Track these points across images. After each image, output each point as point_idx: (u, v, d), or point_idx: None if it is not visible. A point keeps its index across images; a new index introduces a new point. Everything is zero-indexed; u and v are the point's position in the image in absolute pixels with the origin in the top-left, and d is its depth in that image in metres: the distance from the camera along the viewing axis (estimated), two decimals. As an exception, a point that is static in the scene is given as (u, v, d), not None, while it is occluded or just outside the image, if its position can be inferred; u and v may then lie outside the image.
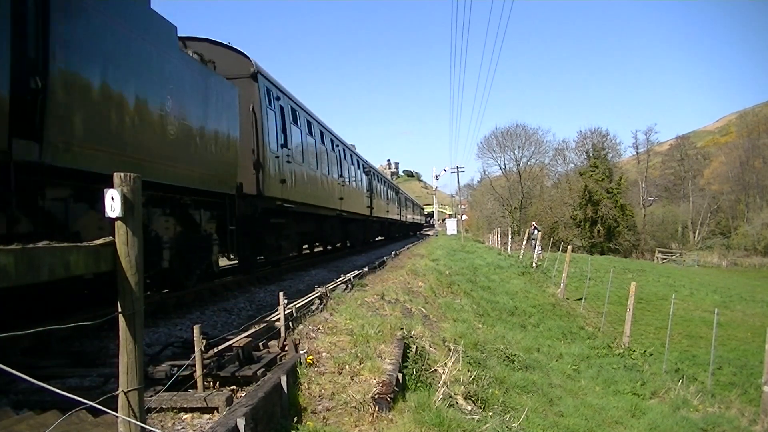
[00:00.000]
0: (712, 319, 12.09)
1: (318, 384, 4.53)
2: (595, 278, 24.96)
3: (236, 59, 10.87)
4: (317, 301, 7.49)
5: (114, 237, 2.52)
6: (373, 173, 27.04)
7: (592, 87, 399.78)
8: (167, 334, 6.31)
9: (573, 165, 66.92)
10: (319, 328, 5.98)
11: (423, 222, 64.67)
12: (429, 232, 61.08)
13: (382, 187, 29.49)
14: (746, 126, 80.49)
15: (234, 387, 4.02)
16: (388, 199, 32.45)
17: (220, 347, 4.53)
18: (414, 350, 6.02)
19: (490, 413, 5.64)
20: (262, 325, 5.81)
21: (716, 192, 74.41)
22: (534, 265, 27.31)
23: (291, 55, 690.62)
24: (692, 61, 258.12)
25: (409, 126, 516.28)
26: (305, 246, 18.64)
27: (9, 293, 4.70)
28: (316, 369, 4.79)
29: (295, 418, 3.96)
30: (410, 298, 9.54)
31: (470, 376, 6.16)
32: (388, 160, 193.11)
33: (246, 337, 4.90)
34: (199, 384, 3.77)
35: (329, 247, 21.20)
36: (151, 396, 3.50)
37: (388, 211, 31.64)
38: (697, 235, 69.71)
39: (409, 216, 46.40)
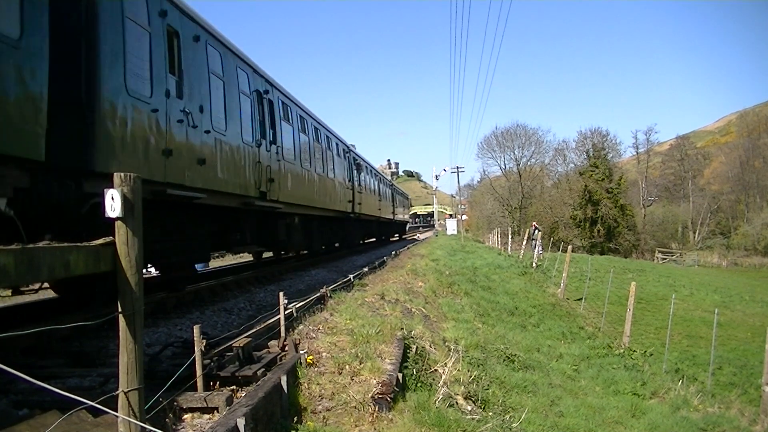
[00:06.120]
0: (712, 319, 12.09)
1: (318, 384, 4.52)
2: (595, 278, 24.95)
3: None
4: (317, 302, 7.49)
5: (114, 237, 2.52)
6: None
7: (592, 87, 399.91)
8: (167, 334, 6.32)
9: (573, 165, 66.93)
10: (319, 328, 5.98)
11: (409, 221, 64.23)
12: (428, 233, 60.98)
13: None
14: (746, 126, 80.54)
15: (234, 387, 4.02)
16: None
17: (220, 347, 4.53)
18: (414, 350, 6.02)
19: (490, 413, 5.64)
20: (262, 325, 5.81)
21: (716, 192, 74.41)
22: (534, 265, 27.30)
23: (291, 54, 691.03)
24: (692, 61, 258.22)
25: (409, 126, 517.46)
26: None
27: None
28: (316, 369, 4.79)
29: (295, 418, 3.96)
30: (410, 298, 9.53)
31: (470, 377, 6.17)
32: (388, 160, 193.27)
33: (246, 337, 4.90)
34: (199, 384, 3.77)
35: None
36: (151, 396, 3.50)
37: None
38: (697, 235, 69.70)
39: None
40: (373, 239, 34.13)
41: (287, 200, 12.24)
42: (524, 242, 34.72)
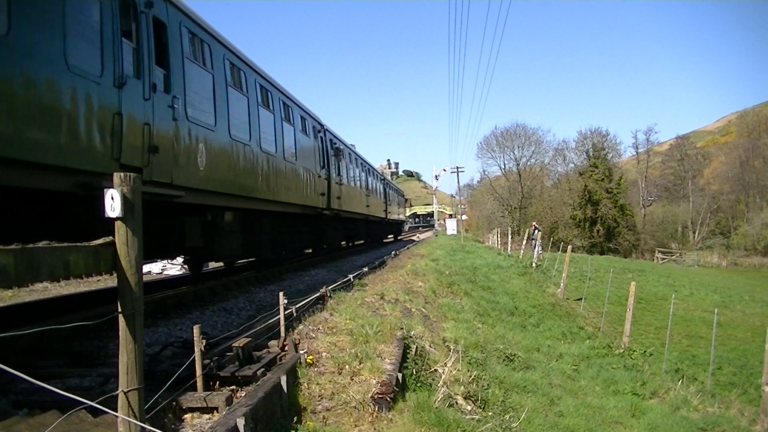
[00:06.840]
0: (712, 319, 12.10)
1: (318, 384, 4.53)
2: (595, 278, 24.96)
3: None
4: (317, 302, 7.49)
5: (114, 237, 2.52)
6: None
7: (592, 87, 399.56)
8: (167, 334, 6.32)
9: (573, 165, 67.03)
10: (319, 328, 5.99)
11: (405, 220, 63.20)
12: (428, 233, 61.01)
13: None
14: (746, 126, 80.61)
15: (234, 387, 4.02)
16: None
17: (220, 347, 4.53)
18: (414, 350, 6.03)
19: (490, 413, 5.65)
20: (262, 325, 5.81)
21: (716, 192, 74.44)
22: (534, 265, 27.31)
23: (291, 54, 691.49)
24: (692, 61, 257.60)
25: (409, 126, 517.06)
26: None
27: None
28: (316, 369, 4.79)
29: (295, 418, 3.96)
30: (410, 298, 9.54)
31: (470, 376, 6.17)
32: (388, 160, 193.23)
33: (246, 337, 4.91)
34: (199, 384, 3.77)
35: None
36: (151, 396, 3.50)
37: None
38: (697, 235, 69.72)
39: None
40: (361, 241, 28.48)
41: (200, 186, 8.00)
42: (524, 242, 34.74)
